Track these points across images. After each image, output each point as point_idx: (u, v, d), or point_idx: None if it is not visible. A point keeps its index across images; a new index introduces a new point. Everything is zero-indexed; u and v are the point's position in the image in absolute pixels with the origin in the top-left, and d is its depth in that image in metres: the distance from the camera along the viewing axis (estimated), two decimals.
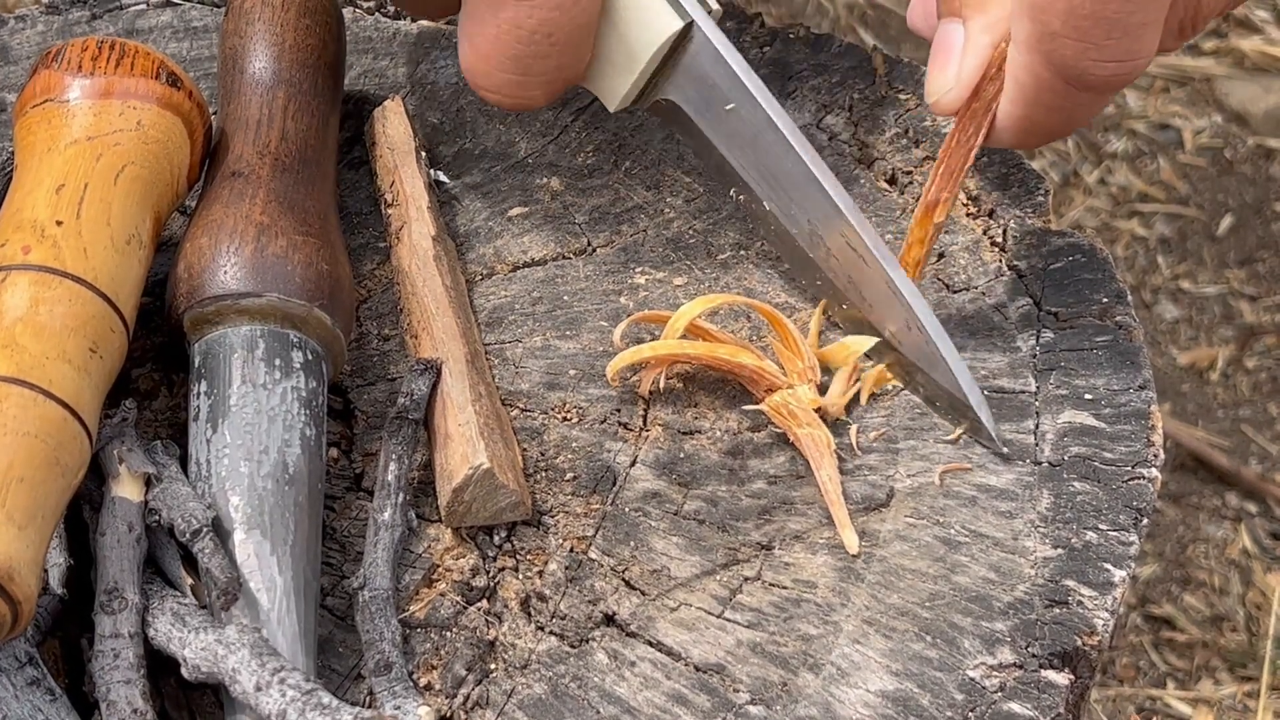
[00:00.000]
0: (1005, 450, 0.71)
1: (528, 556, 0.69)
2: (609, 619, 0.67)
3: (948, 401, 0.72)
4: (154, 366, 0.74)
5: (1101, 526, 0.69)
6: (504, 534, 0.69)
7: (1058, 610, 0.66)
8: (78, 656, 0.65)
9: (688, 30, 0.74)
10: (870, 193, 0.81)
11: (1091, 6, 0.67)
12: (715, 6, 0.75)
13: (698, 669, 0.65)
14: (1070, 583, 0.67)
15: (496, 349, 0.75)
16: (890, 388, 0.73)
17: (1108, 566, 0.67)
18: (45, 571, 0.64)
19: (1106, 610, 0.66)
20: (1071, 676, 0.65)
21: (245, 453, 0.67)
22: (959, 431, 0.72)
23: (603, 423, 0.72)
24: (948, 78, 0.73)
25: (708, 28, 0.74)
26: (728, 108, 0.74)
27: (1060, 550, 0.68)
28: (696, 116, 0.75)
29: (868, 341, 0.73)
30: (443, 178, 0.82)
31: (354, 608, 0.66)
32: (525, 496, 0.69)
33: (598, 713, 0.64)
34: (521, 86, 0.74)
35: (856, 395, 0.73)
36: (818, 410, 0.71)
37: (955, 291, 0.77)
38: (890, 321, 0.73)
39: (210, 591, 0.64)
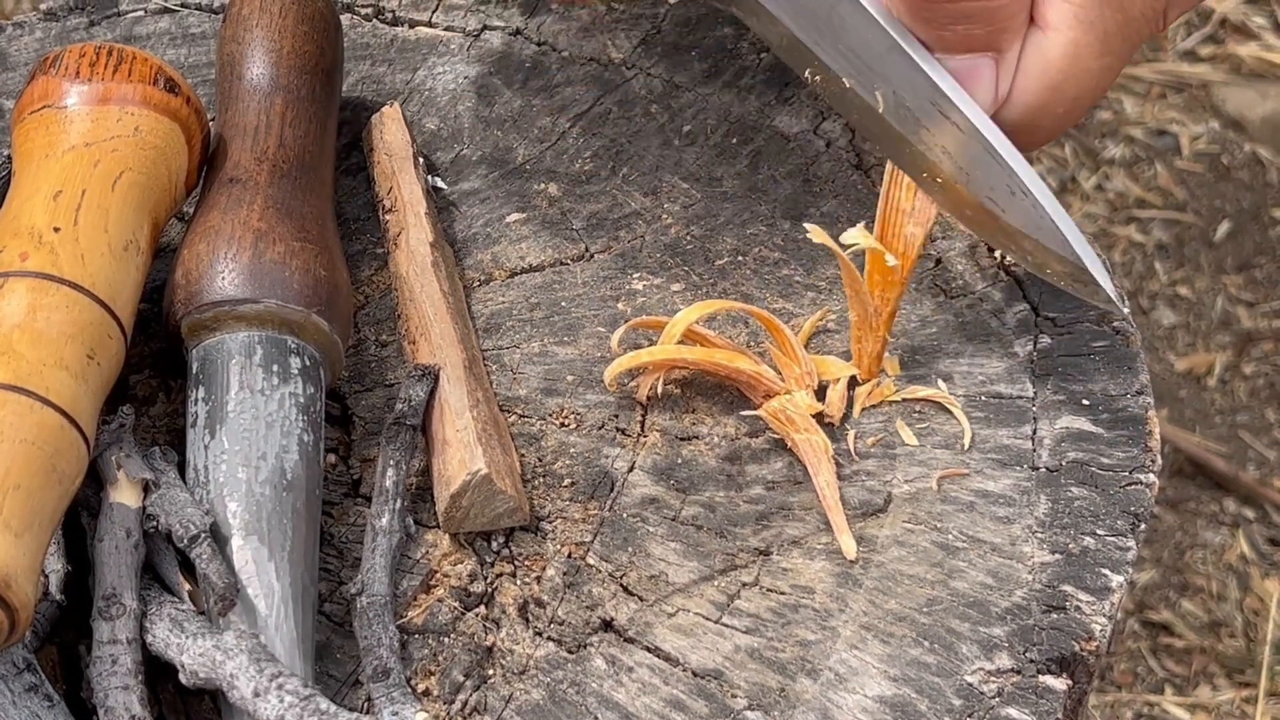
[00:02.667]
0: (1126, 310, 0.69)
1: (526, 562, 0.69)
2: (607, 624, 0.67)
3: (1059, 264, 0.69)
4: (152, 373, 0.74)
5: (1099, 532, 0.69)
6: (502, 540, 0.69)
7: (1055, 616, 0.66)
8: (76, 663, 0.65)
9: None
10: (867, 198, 0.81)
11: None
12: None
13: (696, 674, 0.65)
14: (1068, 588, 0.67)
15: (494, 355, 0.75)
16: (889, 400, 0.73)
17: (1105, 572, 0.67)
18: (43, 578, 0.64)
19: (1104, 616, 0.66)
20: (1069, 682, 0.65)
21: (243, 459, 0.67)
22: (1069, 288, 0.68)
23: (600, 428, 0.72)
24: None
25: None
26: None
27: (1058, 555, 0.68)
28: None
29: (849, 368, 0.73)
30: (440, 184, 0.82)
31: (352, 613, 0.66)
32: (523, 502, 0.69)
33: (596, 718, 0.64)
34: None
35: (852, 402, 0.73)
36: (816, 416, 0.71)
37: (952, 297, 0.77)
38: (991, 188, 0.70)
39: (208, 597, 0.64)
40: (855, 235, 0.71)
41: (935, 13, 0.69)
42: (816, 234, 0.71)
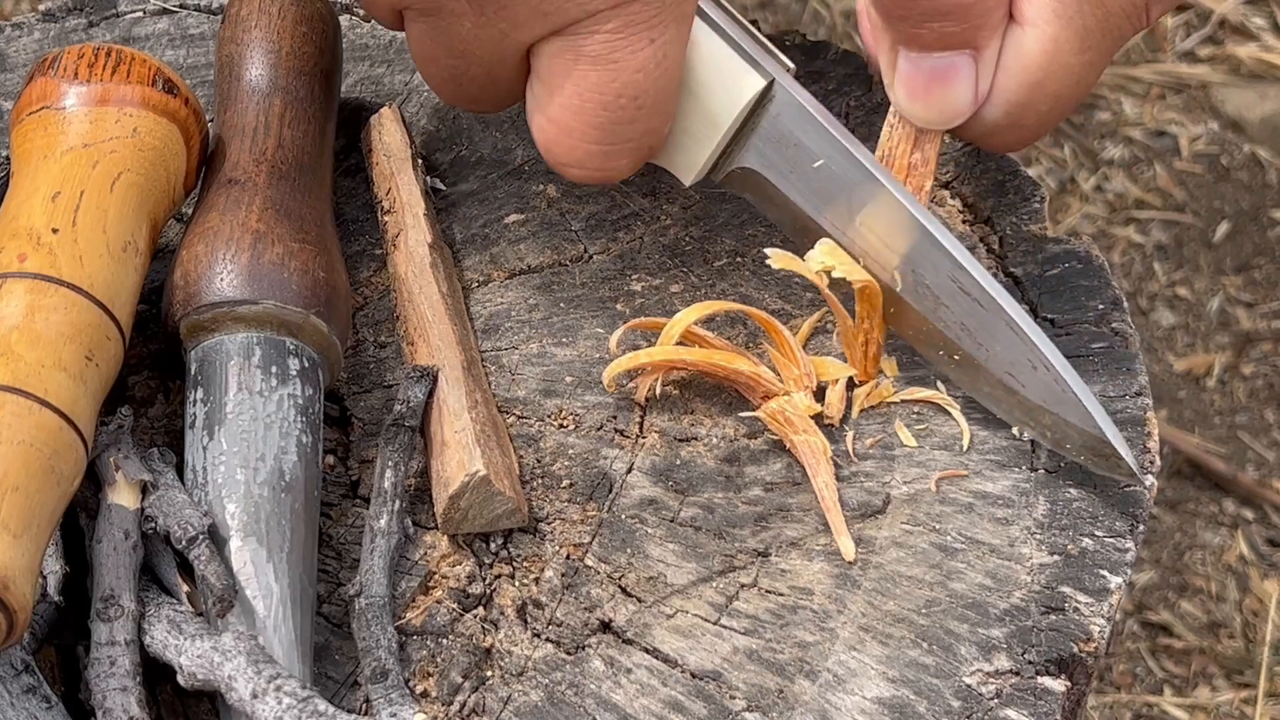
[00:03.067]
0: (1147, 482, 0.68)
1: (524, 563, 0.69)
2: (605, 626, 0.67)
3: (1080, 439, 0.68)
4: (150, 374, 0.74)
5: (1098, 533, 0.69)
6: (500, 541, 0.69)
7: (1054, 617, 0.66)
8: (74, 664, 0.65)
9: (769, 89, 0.71)
10: None
11: None
12: (792, 65, 0.72)
13: (694, 676, 0.65)
14: (1067, 589, 0.67)
15: (493, 356, 0.75)
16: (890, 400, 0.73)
17: (1104, 573, 0.67)
18: (42, 579, 0.64)
19: (1103, 617, 0.66)
20: (1068, 683, 0.65)
21: (241, 460, 0.67)
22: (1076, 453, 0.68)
23: (599, 429, 0.72)
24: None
25: (789, 84, 0.71)
26: (815, 165, 0.71)
27: (1057, 557, 0.68)
28: (779, 180, 0.72)
29: (848, 369, 0.73)
30: (439, 185, 0.82)
31: (350, 615, 0.66)
32: (521, 503, 0.69)
33: None
34: (607, 157, 0.71)
35: (850, 404, 0.73)
36: (814, 417, 0.71)
37: None
38: (1011, 364, 0.69)
39: (206, 599, 0.64)
40: (823, 254, 0.71)
41: (910, 10, 0.69)
42: (779, 260, 0.71)
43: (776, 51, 0.72)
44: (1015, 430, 0.71)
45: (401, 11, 0.70)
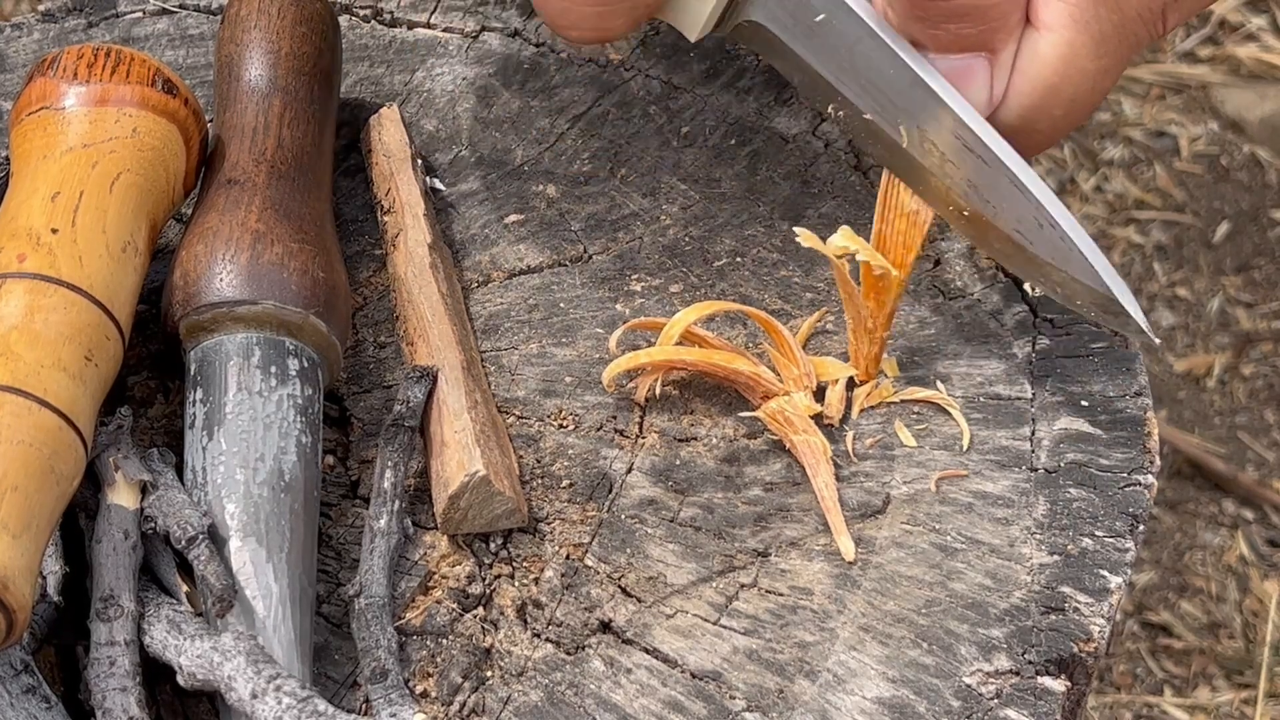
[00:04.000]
0: (1157, 341, 0.69)
1: (524, 564, 0.68)
2: (605, 626, 0.67)
3: (1088, 296, 0.69)
4: (150, 374, 0.74)
5: (1098, 533, 0.69)
6: (500, 541, 0.69)
7: (1054, 617, 0.66)
8: (74, 664, 0.65)
9: None
10: (865, 199, 0.81)
11: None
12: None
13: (694, 676, 0.65)
14: (1067, 589, 0.67)
15: (492, 356, 0.75)
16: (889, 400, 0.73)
17: (1104, 573, 0.67)
18: (41, 579, 0.64)
19: (1103, 617, 0.66)
20: (1068, 683, 0.65)
21: (241, 460, 0.67)
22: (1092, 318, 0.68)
23: (599, 430, 0.72)
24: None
25: None
26: (818, 19, 0.71)
27: (1057, 557, 0.68)
28: (783, 34, 0.72)
29: (848, 369, 0.73)
30: (438, 185, 0.82)
31: (350, 615, 0.66)
32: (521, 504, 0.69)
33: None
34: (602, 17, 0.71)
35: (850, 404, 0.73)
36: (814, 417, 0.71)
37: (951, 298, 0.77)
38: (1019, 220, 0.69)
39: (206, 599, 0.64)
40: (843, 239, 0.71)
41: (928, 11, 0.69)
42: (806, 238, 0.71)
43: None
44: (1027, 286, 0.71)
45: None
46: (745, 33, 0.74)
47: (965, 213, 0.71)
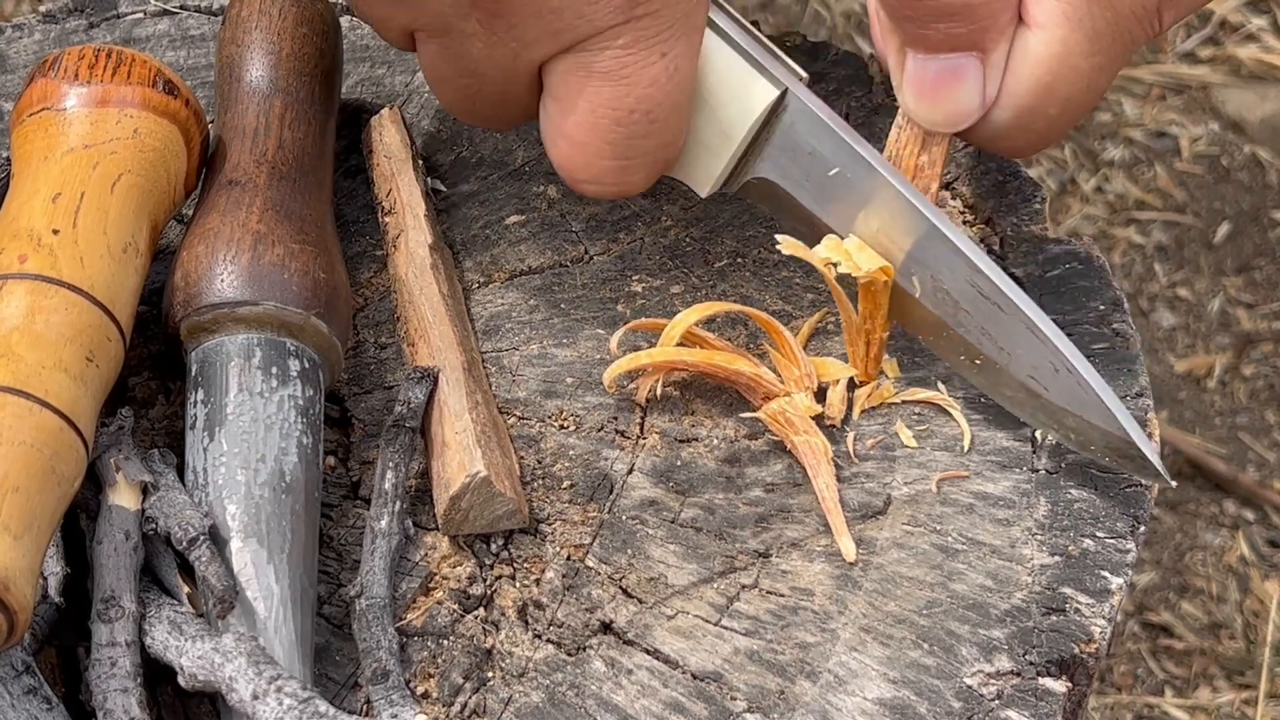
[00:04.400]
0: (1173, 484, 0.69)
1: (525, 564, 0.68)
2: (606, 627, 0.67)
3: (1104, 441, 0.68)
4: (151, 375, 0.74)
5: (1099, 534, 0.69)
6: (501, 542, 0.69)
7: (1055, 618, 0.66)
8: (75, 665, 0.65)
9: (782, 99, 0.71)
10: None
11: None
12: (803, 74, 0.72)
13: (695, 677, 0.65)
14: (1068, 590, 0.67)
15: (493, 357, 0.75)
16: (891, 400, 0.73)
17: (1105, 574, 0.67)
18: (42, 580, 0.64)
19: (1104, 618, 0.66)
20: (1069, 684, 0.65)
21: (242, 461, 0.67)
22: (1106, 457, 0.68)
23: (600, 430, 0.72)
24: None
25: (802, 93, 0.71)
26: (831, 173, 0.71)
27: (1058, 558, 0.68)
28: (795, 189, 0.72)
29: (849, 370, 0.73)
30: (440, 186, 0.82)
31: (351, 616, 0.66)
32: (522, 504, 0.69)
33: None
34: (623, 172, 0.71)
35: (851, 404, 0.73)
36: (815, 418, 0.71)
37: None
38: (1034, 366, 0.69)
39: (207, 600, 0.64)
40: (827, 250, 0.71)
41: (917, 10, 0.68)
42: (789, 246, 0.71)
43: (787, 59, 0.72)
44: (1038, 433, 0.71)
45: (413, 34, 0.71)
46: (755, 189, 0.73)
47: (978, 361, 0.70)
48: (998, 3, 0.68)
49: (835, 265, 0.71)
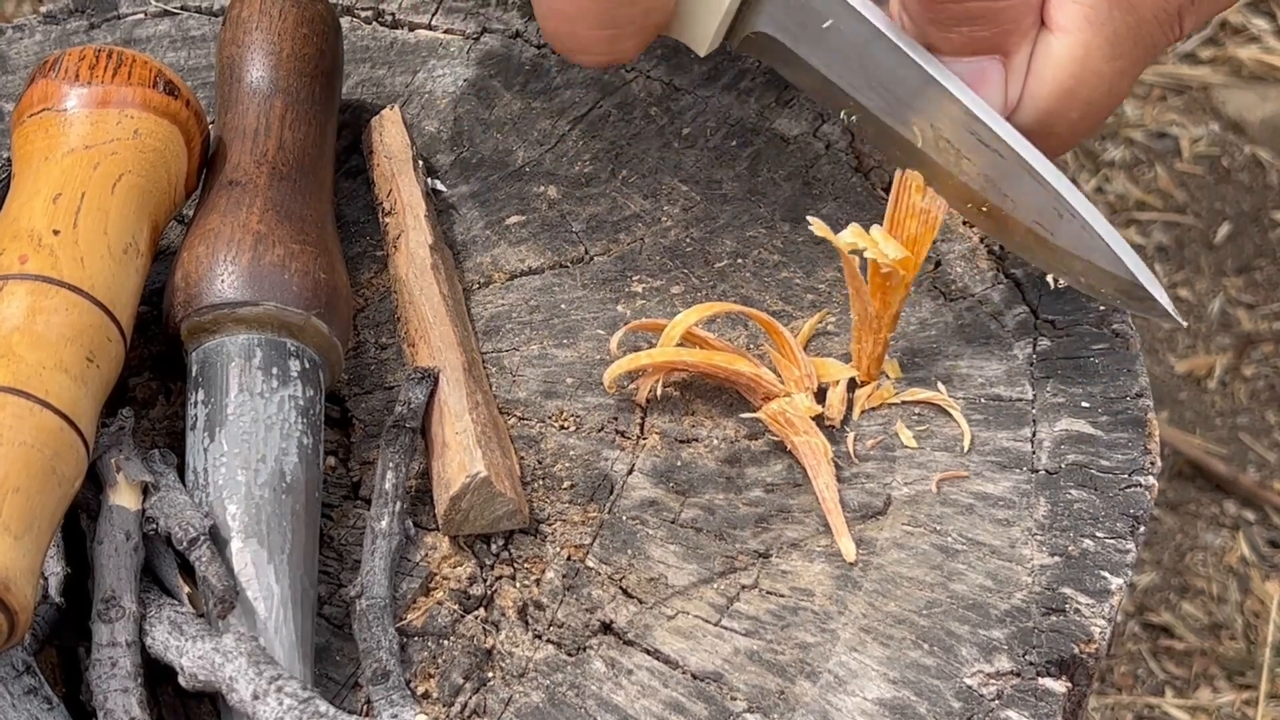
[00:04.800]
0: (1184, 323, 0.69)
1: (525, 565, 0.69)
2: (606, 627, 0.67)
3: (1113, 284, 0.69)
4: (151, 375, 0.74)
5: (1099, 534, 0.69)
6: (501, 542, 0.69)
7: (1055, 618, 0.66)
8: (75, 665, 0.65)
9: None
10: (866, 200, 0.81)
11: None
12: None
13: (695, 677, 0.65)
14: (1067, 590, 0.67)
15: (494, 357, 0.75)
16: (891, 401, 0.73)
17: (1105, 574, 0.67)
18: (43, 580, 0.64)
19: (1104, 618, 0.66)
20: (1069, 684, 0.65)
21: (242, 461, 0.67)
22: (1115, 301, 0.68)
23: (600, 431, 0.72)
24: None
25: None
26: (825, 25, 0.71)
27: (1057, 558, 0.68)
28: (792, 43, 0.72)
29: (849, 370, 0.73)
30: (440, 186, 0.82)
31: (351, 616, 0.66)
32: (522, 505, 0.69)
33: None
34: (612, 40, 0.71)
35: (851, 405, 0.73)
36: (815, 418, 0.71)
37: (952, 299, 0.77)
38: (1038, 212, 0.69)
39: (207, 600, 0.64)
40: (852, 236, 0.71)
41: (940, 14, 0.69)
42: (819, 228, 0.71)
43: None
44: (1049, 278, 0.71)
45: None
46: (754, 44, 0.74)
47: (984, 208, 0.71)
48: (1020, 6, 0.69)
49: (861, 252, 0.71)
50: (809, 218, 0.72)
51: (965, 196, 0.71)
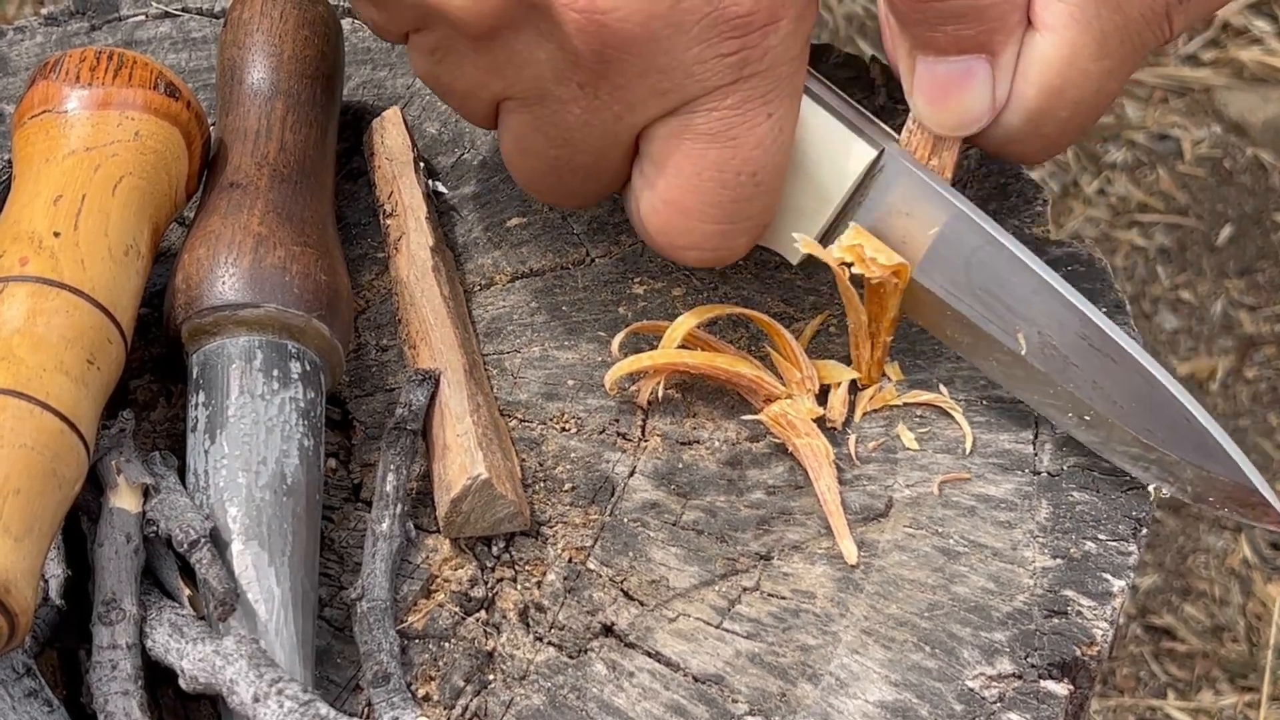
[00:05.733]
0: None
1: (526, 567, 0.68)
2: (607, 629, 0.67)
3: (1224, 490, 0.67)
4: (152, 377, 0.74)
5: (1101, 536, 0.68)
6: (502, 544, 0.69)
7: (1057, 620, 0.66)
8: (76, 667, 0.65)
9: (878, 159, 0.70)
10: None
11: None
12: (896, 136, 0.71)
13: (696, 680, 0.65)
14: (1069, 593, 0.67)
15: (495, 359, 0.75)
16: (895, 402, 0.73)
17: (1107, 576, 0.67)
18: (43, 582, 0.64)
19: (1106, 620, 0.66)
20: (1071, 687, 0.65)
21: (243, 463, 0.67)
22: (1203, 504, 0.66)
23: (601, 433, 0.72)
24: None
25: (899, 153, 0.70)
26: (930, 232, 0.70)
27: (1059, 560, 0.68)
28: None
29: (851, 372, 0.73)
30: (441, 188, 0.82)
31: (352, 619, 0.66)
32: (523, 507, 0.69)
33: None
34: (726, 236, 0.69)
35: (853, 407, 0.73)
36: (817, 420, 0.71)
37: None
38: (1150, 419, 0.67)
39: (208, 602, 0.64)
40: (841, 251, 0.71)
41: (925, 13, 0.68)
42: (806, 245, 0.71)
43: (879, 121, 0.71)
44: (1152, 487, 0.69)
45: (500, 103, 0.69)
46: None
47: (1087, 417, 0.69)
48: (1006, 4, 0.68)
49: (849, 266, 0.70)
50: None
51: (1069, 405, 0.69)
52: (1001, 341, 0.69)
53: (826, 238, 0.71)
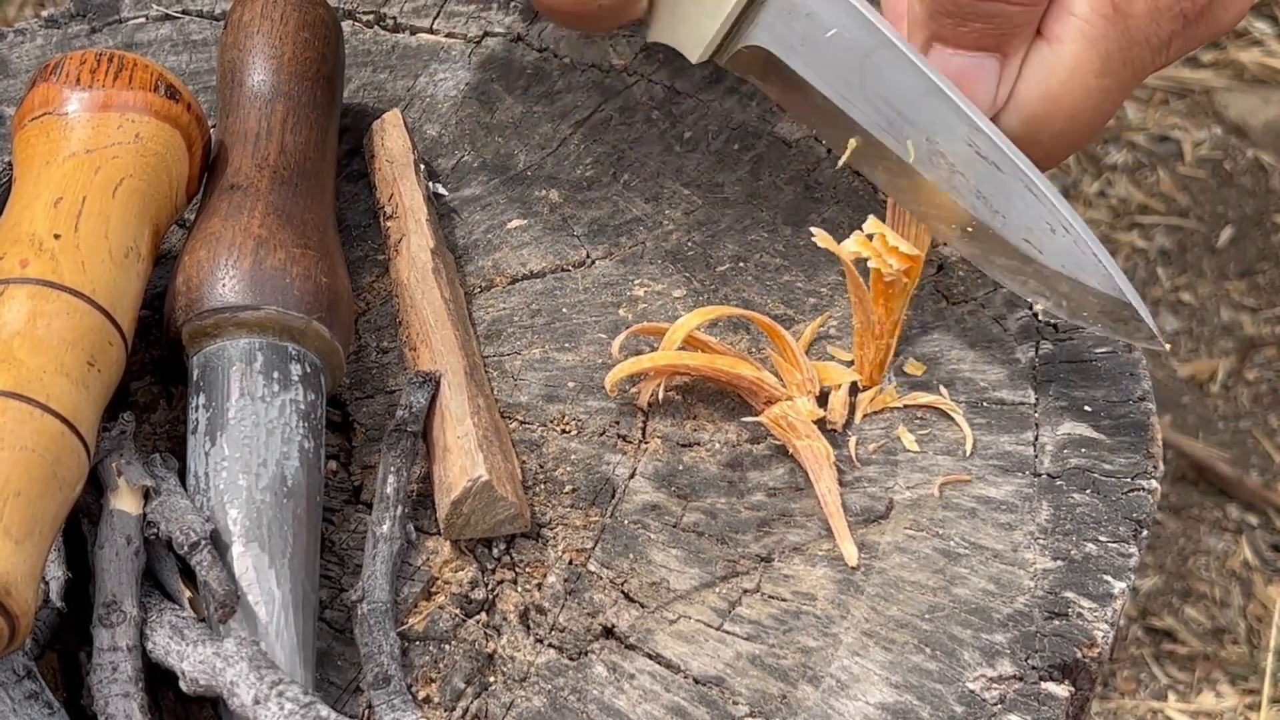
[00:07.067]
0: (1166, 347, 0.68)
1: (527, 569, 0.68)
2: (608, 631, 0.67)
3: (1099, 304, 0.68)
4: (153, 379, 0.74)
5: (1101, 538, 0.68)
6: (503, 546, 0.69)
7: (1057, 622, 0.66)
8: (76, 670, 0.65)
9: None
10: (868, 204, 0.81)
11: None
12: None
13: (697, 681, 0.65)
14: (1070, 595, 0.67)
15: (495, 361, 0.75)
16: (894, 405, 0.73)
17: (1108, 578, 0.67)
18: (44, 585, 0.64)
19: (1106, 622, 0.66)
20: (1071, 688, 0.65)
21: (243, 465, 0.67)
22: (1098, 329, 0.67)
23: (601, 435, 0.72)
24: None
25: None
26: (828, 34, 0.70)
27: (1060, 562, 0.68)
28: (789, 57, 0.71)
29: (851, 374, 0.73)
30: (441, 190, 0.82)
31: (353, 620, 0.66)
32: (524, 509, 0.69)
33: None
34: None
35: (853, 409, 0.73)
36: (817, 422, 0.71)
37: (954, 303, 0.77)
38: (1029, 227, 0.69)
39: (208, 604, 0.64)
40: (856, 244, 0.71)
41: (958, 7, 0.69)
42: (822, 239, 0.71)
43: None
44: (1030, 302, 0.70)
45: None
46: (746, 59, 0.73)
47: (970, 228, 0.70)
48: (1027, 12, 0.70)
49: (865, 260, 0.71)
50: (812, 230, 0.71)
51: (952, 216, 0.70)
52: (890, 148, 0.70)
53: (725, 43, 0.72)
